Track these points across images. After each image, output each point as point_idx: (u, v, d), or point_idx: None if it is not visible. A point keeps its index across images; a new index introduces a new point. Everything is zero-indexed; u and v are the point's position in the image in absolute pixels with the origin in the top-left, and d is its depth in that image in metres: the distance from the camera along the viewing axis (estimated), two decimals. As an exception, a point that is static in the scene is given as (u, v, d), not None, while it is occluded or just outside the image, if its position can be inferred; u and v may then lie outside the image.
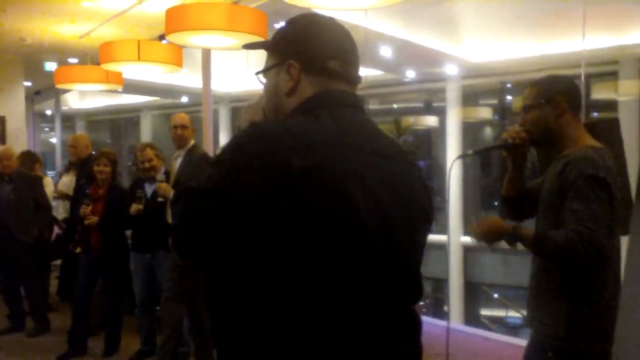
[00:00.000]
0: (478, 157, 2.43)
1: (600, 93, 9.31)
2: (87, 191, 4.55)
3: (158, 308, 4.68)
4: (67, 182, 6.01)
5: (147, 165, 4.34)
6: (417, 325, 1.26)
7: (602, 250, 1.87)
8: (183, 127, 4.26)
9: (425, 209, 1.28)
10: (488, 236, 2.07)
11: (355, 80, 1.30)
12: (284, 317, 1.10)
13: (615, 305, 1.99)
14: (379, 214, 1.15)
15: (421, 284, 1.28)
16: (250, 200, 1.08)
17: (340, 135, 1.16)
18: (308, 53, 1.26)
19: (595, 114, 9.13)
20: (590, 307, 1.95)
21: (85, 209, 4.42)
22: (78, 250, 4.66)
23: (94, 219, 4.41)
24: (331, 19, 1.33)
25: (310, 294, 1.09)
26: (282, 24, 1.35)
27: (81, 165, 5.45)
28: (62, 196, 5.80)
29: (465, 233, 9.79)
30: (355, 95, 1.30)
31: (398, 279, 1.19)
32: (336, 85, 1.26)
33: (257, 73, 1.34)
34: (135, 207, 4.27)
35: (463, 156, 2.26)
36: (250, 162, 1.09)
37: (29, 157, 6.27)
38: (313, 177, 1.08)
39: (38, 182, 5.52)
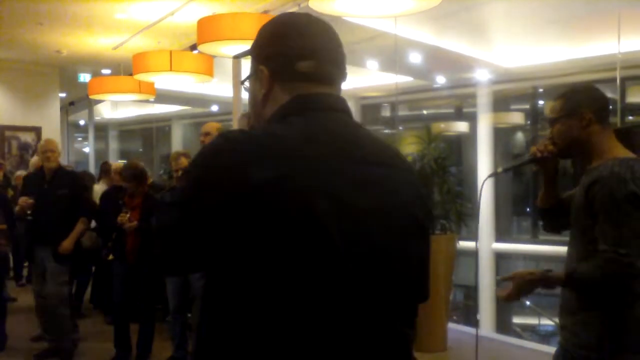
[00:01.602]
0: (522, 167, 2.45)
1: (635, 96, 9.12)
2: (121, 201, 4.63)
3: (190, 315, 4.73)
4: (99, 190, 6.12)
5: (181, 173, 4.39)
6: (404, 343, 1.17)
7: (636, 273, 1.85)
8: (209, 134, 4.30)
9: (417, 218, 1.18)
10: (523, 294, 2.04)
11: (334, 79, 1.20)
12: (250, 332, 1.05)
13: None
14: (353, 226, 1.06)
15: (415, 299, 1.20)
16: (211, 212, 1.04)
17: (310, 143, 1.08)
18: (276, 57, 1.18)
19: (631, 118, 8.96)
20: (621, 317, 1.92)
21: (124, 217, 4.49)
22: (111, 257, 4.74)
23: (134, 223, 4.47)
24: (306, 16, 1.23)
25: (274, 309, 1.04)
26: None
27: (54, 176, 4.82)
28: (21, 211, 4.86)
29: (497, 239, 9.68)
30: (336, 97, 1.20)
31: (380, 294, 1.10)
32: (312, 89, 1.17)
33: (242, 82, 1.29)
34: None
35: (494, 175, 2.25)
36: (210, 174, 1.06)
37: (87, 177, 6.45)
38: (271, 189, 1.02)
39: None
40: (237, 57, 1.41)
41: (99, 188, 6.33)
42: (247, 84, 1.26)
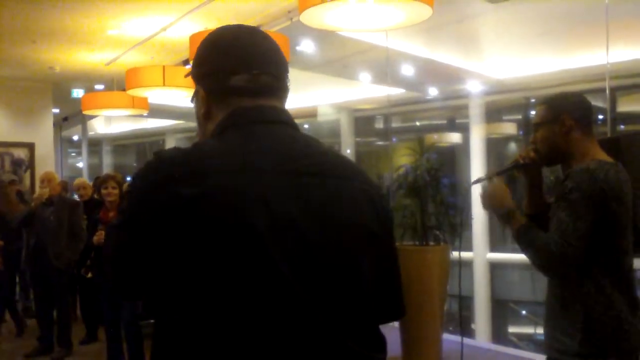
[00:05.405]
0: (504, 175, 2.49)
1: (626, 106, 9.21)
2: (97, 217, 4.62)
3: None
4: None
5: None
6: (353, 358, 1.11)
7: (574, 267, 1.89)
8: None
9: (370, 228, 1.13)
10: (490, 202, 2.16)
11: (273, 91, 1.18)
12: (195, 347, 1.04)
13: (627, 320, 1.94)
14: (294, 239, 1.04)
15: (365, 312, 1.13)
16: (148, 231, 1.04)
17: (245, 157, 1.07)
18: (208, 75, 1.18)
19: (622, 127, 9.03)
20: (602, 322, 1.93)
21: (101, 235, 4.46)
22: (89, 275, 4.78)
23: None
24: (238, 28, 1.22)
25: (214, 325, 1.03)
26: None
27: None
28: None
29: (492, 249, 9.71)
30: (274, 109, 1.17)
31: (324, 308, 1.06)
32: (248, 102, 1.15)
33: (191, 101, 1.28)
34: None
35: (477, 182, 2.28)
36: (145, 193, 1.07)
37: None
38: (203, 204, 1.01)
39: (76, 208, 5.61)
40: (186, 77, 1.41)
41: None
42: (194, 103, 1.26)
